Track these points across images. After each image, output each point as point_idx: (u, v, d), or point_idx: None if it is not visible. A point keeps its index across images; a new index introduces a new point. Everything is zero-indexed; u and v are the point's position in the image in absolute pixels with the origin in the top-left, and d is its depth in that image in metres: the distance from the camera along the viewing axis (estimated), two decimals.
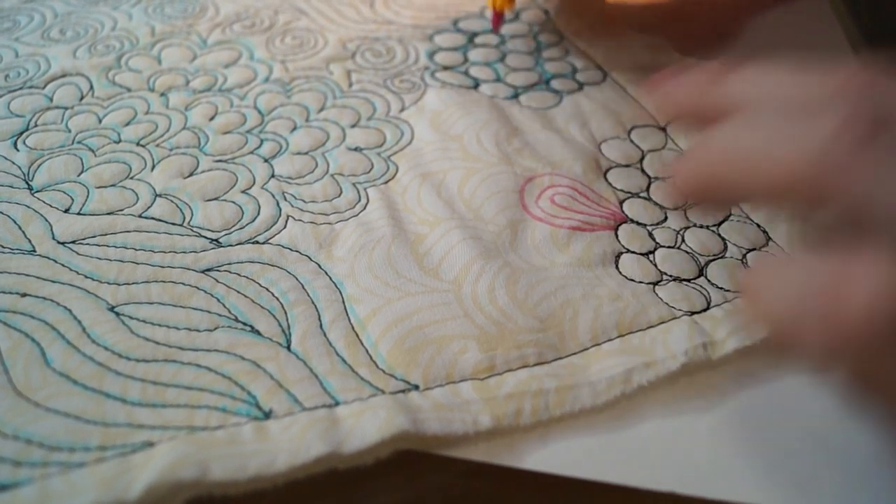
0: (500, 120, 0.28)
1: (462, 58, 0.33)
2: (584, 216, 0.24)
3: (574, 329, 0.21)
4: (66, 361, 0.19)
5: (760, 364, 0.21)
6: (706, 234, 0.24)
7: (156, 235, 0.23)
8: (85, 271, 0.22)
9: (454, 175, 0.26)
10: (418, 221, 0.24)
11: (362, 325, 0.21)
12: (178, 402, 0.19)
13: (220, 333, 0.20)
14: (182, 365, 0.19)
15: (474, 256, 0.23)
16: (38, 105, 0.29)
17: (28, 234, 0.23)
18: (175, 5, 0.36)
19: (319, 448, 0.17)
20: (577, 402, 0.19)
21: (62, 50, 0.32)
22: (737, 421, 0.19)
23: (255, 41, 0.33)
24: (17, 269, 0.22)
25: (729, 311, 0.21)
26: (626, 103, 0.30)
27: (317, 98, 0.30)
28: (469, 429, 0.18)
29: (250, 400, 0.19)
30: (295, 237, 0.23)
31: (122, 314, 0.21)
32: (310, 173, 0.26)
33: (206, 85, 0.30)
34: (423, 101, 0.30)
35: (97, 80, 0.30)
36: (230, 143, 0.27)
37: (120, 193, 0.25)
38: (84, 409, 0.18)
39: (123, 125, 0.28)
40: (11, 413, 0.18)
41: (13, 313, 0.20)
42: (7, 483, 0.16)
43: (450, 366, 0.20)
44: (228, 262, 0.22)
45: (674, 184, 0.16)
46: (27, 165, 0.26)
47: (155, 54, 0.32)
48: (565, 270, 0.22)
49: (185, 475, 0.16)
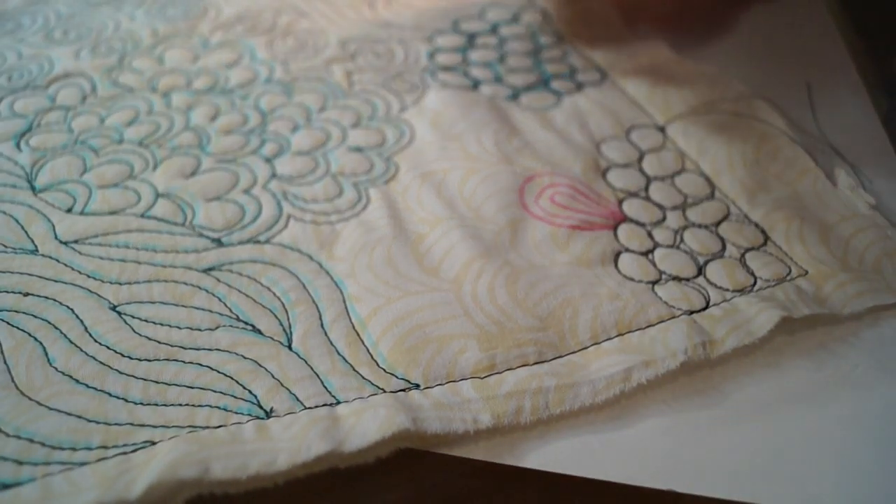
0: (500, 120, 0.29)
1: (462, 58, 0.33)
2: (583, 215, 0.25)
3: (574, 328, 0.21)
4: (69, 361, 0.19)
5: (760, 363, 0.21)
6: (705, 233, 0.24)
7: (158, 235, 0.23)
8: (87, 271, 0.22)
9: (454, 175, 0.26)
10: (419, 221, 0.24)
11: (363, 324, 0.21)
12: (179, 401, 0.19)
13: (222, 333, 0.20)
14: (183, 364, 0.20)
15: (474, 255, 0.23)
16: (41, 106, 0.29)
17: (31, 233, 0.23)
18: (177, 7, 0.36)
19: (320, 447, 0.17)
20: (576, 400, 0.19)
21: (65, 51, 0.32)
22: (736, 420, 0.19)
23: (257, 42, 0.33)
24: (19, 268, 0.22)
25: (728, 310, 0.21)
26: (626, 103, 0.30)
27: (318, 98, 0.30)
28: (469, 427, 0.18)
29: (251, 399, 0.19)
30: (296, 237, 0.23)
31: (123, 313, 0.21)
32: (311, 173, 0.26)
33: (208, 85, 0.30)
34: (424, 102, 0.30)
35: (100, 80, 0.30)
36: (232, 143, 0.27)
37: (122, 193, 0.25)
38: (86, 409, 0.18)
39: (126, 126, 0.28)
40: (14, 412, 0.18)
41: (16, 313, 0.20)
42: (9, 482, 0.17)
43: (450, 364, 0.20)
44: (230, 262, 0.22)
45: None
46: (30, 166, 0.26)
47: (157, 55, 0.32)
48: (565, 269, 0.23)
49: (186, 474, 0.16)
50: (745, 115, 0.28)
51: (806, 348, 0.21)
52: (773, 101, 0.28)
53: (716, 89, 0.30)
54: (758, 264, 0.23)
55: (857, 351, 0.21)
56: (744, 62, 0.33)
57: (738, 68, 0.32)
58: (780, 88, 0.28)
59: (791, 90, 0.27)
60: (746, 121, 0.28)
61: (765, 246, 0.24)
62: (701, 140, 0.28)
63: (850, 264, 0.23)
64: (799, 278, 0.23)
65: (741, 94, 0.29)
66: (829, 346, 0.21)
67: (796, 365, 0.21)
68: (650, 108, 0.30)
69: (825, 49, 0.34)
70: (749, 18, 0.36)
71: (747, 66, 0.33)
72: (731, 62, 0.32)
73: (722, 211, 0.25)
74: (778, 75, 0.32)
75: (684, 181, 0.27)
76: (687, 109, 0.29)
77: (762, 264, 0.23)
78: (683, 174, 0.27)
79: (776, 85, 0.29)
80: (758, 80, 0.30)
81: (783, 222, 0.24)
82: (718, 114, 0.29)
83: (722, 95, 0.29)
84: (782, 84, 0.30)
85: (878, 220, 0.24)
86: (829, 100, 0.30)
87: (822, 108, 0.29)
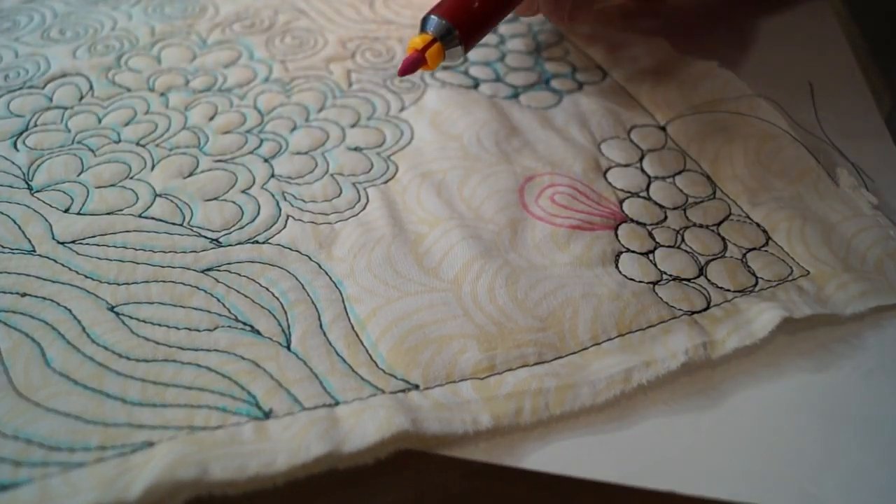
0: (500, 119, 0.28)
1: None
2: (584, 215, 0.24)
3: (574, 328, 0.21)
4: (66, 361, 0.19)
5: (760, 364, 0.21)
6: (706, 233, 0.24)
7: (156, 235, 0.23)
8: (85, 271, 0.22)
9: (454, 174, 0.26)
10: (418, 221, 0.24)
11: (362, 324, 0.21)
12: (177, 401, 0.19)
13: (220, 333, 0.20)
14: (182, 365, 0.19)
15: (474, 256, 0.22)
16: (38, 105, 0.29)
17: (28, 233, 0.23)
18: (175, 5, 0.36)
19: (319, 448, 0.17)
20: (576, 401, 0.19)
21: (62, 50, 0.32)
22: (737, 421, 0.19)
23: (255, 41, 0.33)
24: (16, 268, 0.22)
25: (729, 310, 0.21)
26: (627, 102, 0.30)
27: (317, 98, 0.30)
28: (469, 428, 0.18)
29: (250, 400, 0.19)
30: (295, 237, 0.23)
31: (121, 314, 0.21)
32: (310, 173, 0.26)
33: (206, 85, 0.30)
34: (423, 101, 0.30)
35: (97, 80, 0.30)
36: (230, 142, 0.27)
37: (120, 193, 0.25)
38: (84, 409, 0.18)
39: (123, 125, 0.28)
40: (11, 413, 0.18)
41: (13, 313, 0.20)
42: (7, 483, 0.16)
43: (450, 365, 0.20)
44: (228, 262, 0.22)
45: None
46: (27, 165, 0.26)
47: (155, 54, 0.32)
48: (565, 269, 0.22)
49: (184, 475, 0.16)
50: (747, 114, 0.28)
51: (807, 349, 0.21)
52: (775, 101, 0.28)
53: (717, 88, 0.30)
54: (759, 264, 0.23)
55: (858, 352, 0.21)
56: (746, 61, 0.33)
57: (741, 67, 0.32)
58: (783, 87, 0.28)
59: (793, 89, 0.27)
60: (748, 120, 0.28)
61: (766, 246, 0.24)
62: (702, 139, 0.28)
63: (852, 264, 0.23)
64: (800, 279, 0.23)
65: (743, 93, 0.29)
66: (830, 347, 0.21)
67: (797, 366, 0.21)
68: (651, 108, 0.30)
69: (828, 48, 0.34)
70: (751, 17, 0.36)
71: (749, 65, 0.33)
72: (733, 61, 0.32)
73: (723, 211, 0.25)
74: (780, 74, 0.32)
75: (685, 181, 0.26)
76: (688, 109, 0.29)
77: (763, 264, 0.23)
78: (684, 174, 0.27)
79: (778, 84, 0.29)
80: (760, 79, 0.30)
81: (785, 222, 0.24)
82: (720, 113, 0.29)
83: (723, 95, 0.29)
84: (784, 83, 0.30)
85: (881, 220, 0.24)
86: (831, 99, 0.30)
87: (825, 108, 0.29)
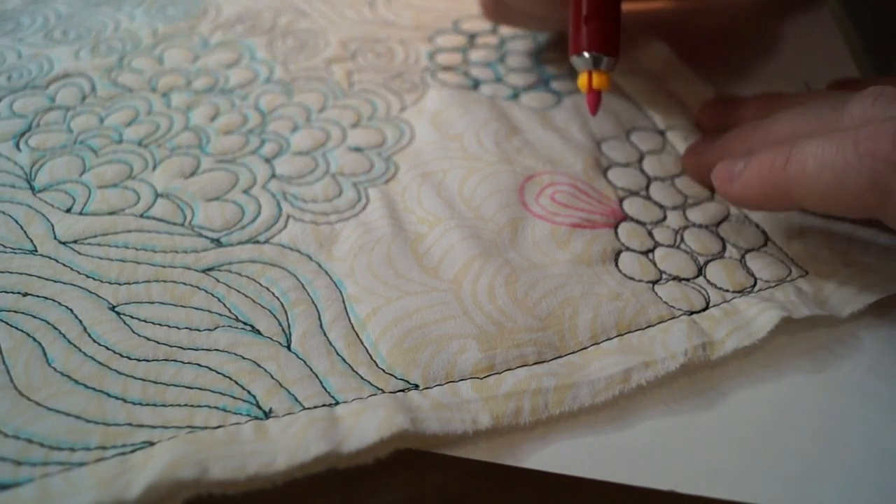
0: (500, 119, 0.28)
1: (462, 58, 0.33)
2: (584, 213, 0.25)
3: (573, 328, 0.21)
4: (67, 361, 0.19)
5: (760, 364, 0.21)
6: (705, 233, 0.24)
7: (157, 235, 0.23)
8: (86, 271, 0.22)
9: (454, 174, 0.26)
10: (418, 221, 0.24)
11: (362, 324, 0.21)
12: (178, 401, 0.19)
13: (221, 333, 0.20)
14: (182, 364, 0.19)
15: (474, 255, 0.23)
16: (41, 105, 0.29)
17: (30, 233, 0.23)
18: (177, 7, 0.36)
19: (319, 447, 0.17)
20: (576, 401, 0.19)
21: (65, 51, 0.32)
22: (736, 421, 0.19)
23: (257, 42, 0.33)
24: (18, 268, 0.22)
25: (728, 311, 0.21)
26: (626, 105, 0.30)
27: (318, 98, 0.30)
28: (468, 428, 0.18)
29: (250, 399, 0.19)
30: (295, 237, 0.23)
31: (122, 314, 0.21)
32: (310, 173, 0.26)
33: (208, 85, 0.30)
34: (424, 102, 0.30)
35: (99, 80, 0.30)
36: (231, 143, 0.27)
37: (121, 193, 0.25)
38: (84, 409, 0.18)
39: (125, 125, 0.28)
40: (12, 412, 0.18)
41: (14, 313, 0.20)
42: (7, 482, 0.16)
43: (449, 365, 0.20)
44: (229, 262, 0.22)
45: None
46: (29, 166, 0.26)
47: (157, 55, 0.32)
48: (565, 268, 0.22)
49: (184, 474, 0.16)
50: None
51: (806, 349, 0.21)
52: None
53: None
54: (758, 265, 0.23)
55: (857, 352, 0.21)
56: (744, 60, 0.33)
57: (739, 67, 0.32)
58: (780, 87, 0.28)
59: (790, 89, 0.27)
60: None
61: (765, 247, 0.24)
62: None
63: (852, 262, 0.23)
64: (799, 279, 0.23)
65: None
66: (829, 348, 0.21)
67: (796, 366, 0.21)
68: (651, 112, 0.30)
69: (825, 48, 0.34)
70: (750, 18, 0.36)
71: (747, 65, 0.33)
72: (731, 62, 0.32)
73: (722, 211, 0.25)
74: (778, 77, 0.32)
75: (684, 182, 0.26)
76: (687, 122, 0.29)
77: (762, 265, 0.23)
78: (683, 176, 0.27)
79: (775, 84, 0.29)
80: (757, 79, 0.30)
81: (783, 222, 0.24)
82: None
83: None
84: (782, 83, 0.30)
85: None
86: None
87: None
